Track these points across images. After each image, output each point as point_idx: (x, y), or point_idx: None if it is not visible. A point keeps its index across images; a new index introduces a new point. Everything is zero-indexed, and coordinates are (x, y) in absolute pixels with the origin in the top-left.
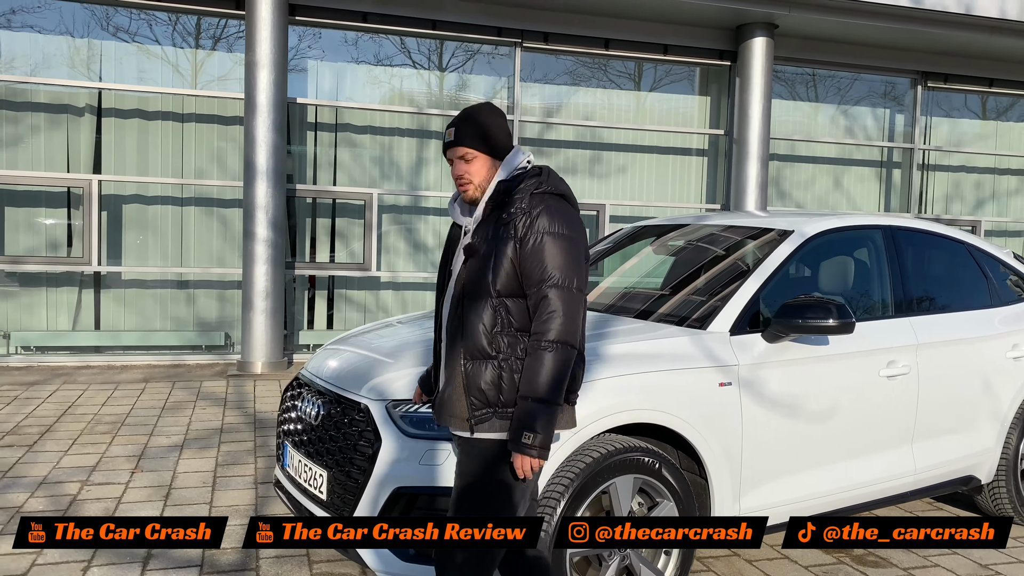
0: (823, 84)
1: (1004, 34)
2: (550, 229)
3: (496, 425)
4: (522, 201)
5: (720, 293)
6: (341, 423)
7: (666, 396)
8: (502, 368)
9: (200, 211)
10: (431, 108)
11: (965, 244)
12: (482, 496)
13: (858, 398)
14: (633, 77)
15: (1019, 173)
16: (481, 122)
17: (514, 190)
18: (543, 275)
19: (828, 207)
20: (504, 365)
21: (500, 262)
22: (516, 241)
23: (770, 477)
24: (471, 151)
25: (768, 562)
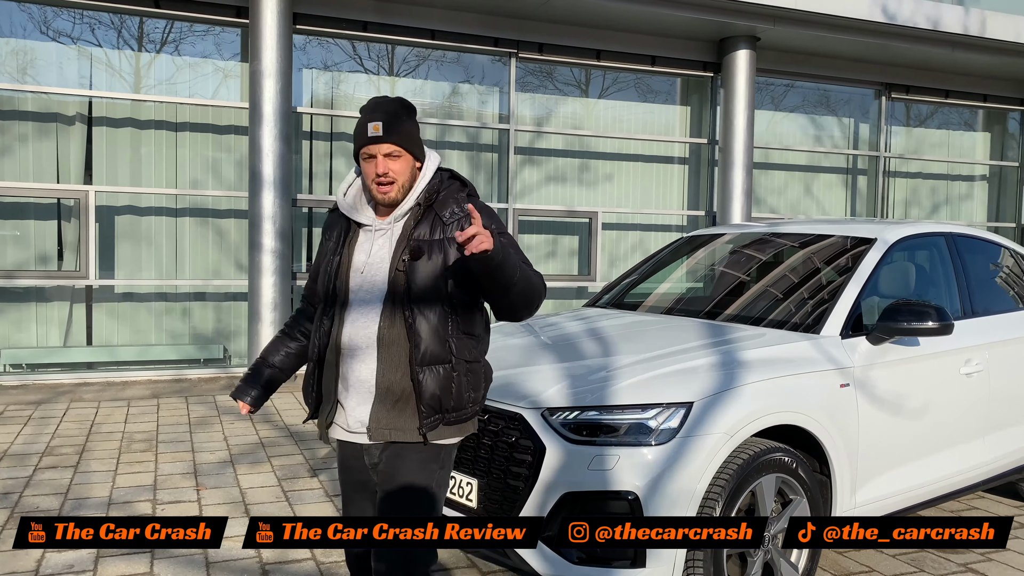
0: (795, 95)
1: (964, 49)
2: (498, 227)
3: (442, 432)
4: (461, 202)
5: (820, 298)
6: (490, 432)
7: (801, 398)
8: (453, 372)
9: (196, 222)
10: (428, 117)
11: (1010, 249)
12: (415, 501)
13: (945, 395)
14: (623, 87)
15: (970, 179)
16: (407, 121)
17: (440, 191)
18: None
19: (801, 213)
20: (454, 369)
21: (453, 265)
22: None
23: (879, 472)
24: (399, 149)
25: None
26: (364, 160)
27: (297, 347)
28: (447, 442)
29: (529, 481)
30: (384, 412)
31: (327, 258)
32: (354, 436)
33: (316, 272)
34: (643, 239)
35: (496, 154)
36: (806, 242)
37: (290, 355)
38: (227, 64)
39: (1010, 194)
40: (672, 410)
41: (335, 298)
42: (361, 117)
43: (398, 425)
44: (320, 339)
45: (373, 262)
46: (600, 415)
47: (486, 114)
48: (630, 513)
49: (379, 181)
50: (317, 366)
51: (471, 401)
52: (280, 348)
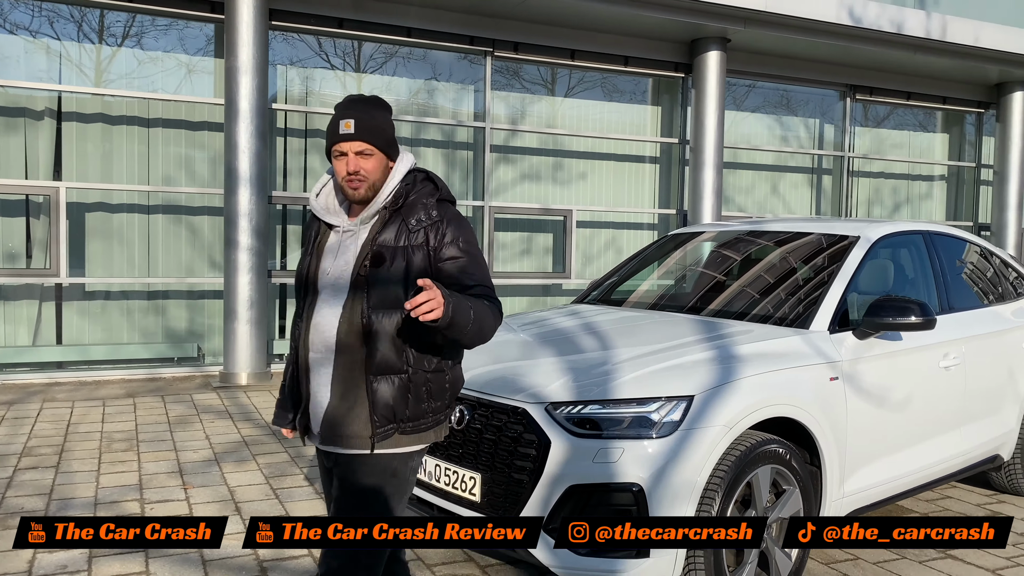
0: (762, 95)
1: (925, 52)
2: (465, 239)
3: (396, 441)
4: (430, 209)
5: (807, 295)
6: (493, 427)
7: (795, 391)
8: (410, 382)
9: (169, 219)
10: (404, 115)
11: (981, 246)
12: (364, 508)
13: (925, 388)
14: (597, 87)
15: (929, 179)
16: (381, 119)
17: (410, 195)
18: (467, 282)
19: (768, 212)
20: (412, 379)
21: (410, 273)
22: (429, 251)
23: (866, 462)
24: (370, 147)
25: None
26: (336, 158)
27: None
28: (404, 450)
29: (534, 475)
30: (337, 418)
31: (301, 259)
32: (316, 439)
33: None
34: (615, 237)
35: (471, 152)
36: (791, 240)
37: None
38: (199, 59)
39: (967, 194)
40: (674, 403)
41: (305, 300)
42: (334, 115)
43: (350, 432)
44: (292, 340)
45: (339, 264)
46: (603, 409)
47: (462, 112)
48: (634, 504)
49: (351, 179)
50: (291, 367)
51: (432, 411)
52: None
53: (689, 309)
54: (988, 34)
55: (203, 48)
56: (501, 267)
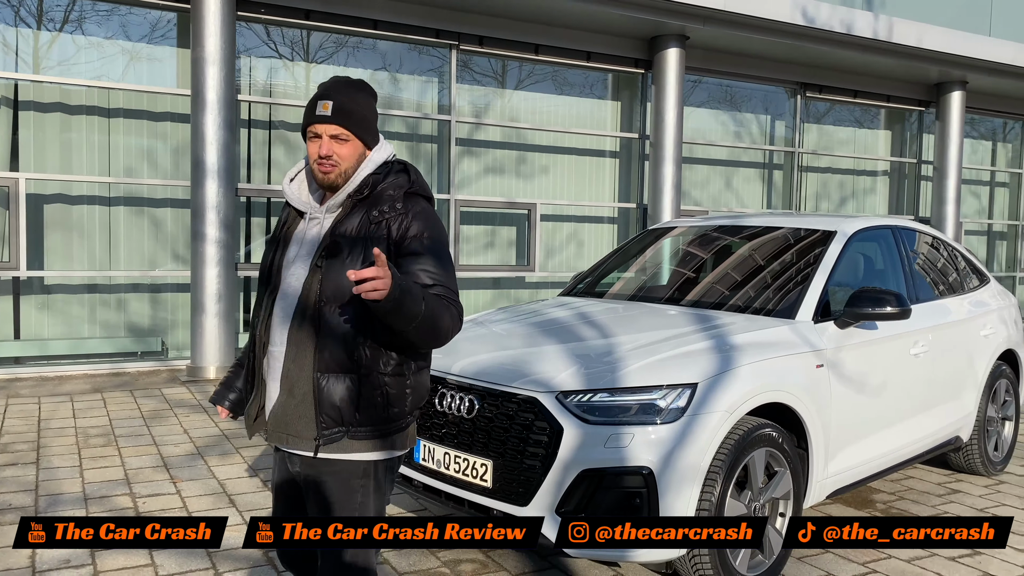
0: (718, 92)
1: (872, 52)
2: (430, 236)
3: (346, 445)
4: (396, 201)
5: (791, 286)
6: (504, 415)
7: (787, 378)
8: (362, 383)
9: (131, 211)
10: None
11: (942, 240)
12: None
13: (899, 374)
14: (560, 82)
15: (873, 174)
16: (363, 104)
17: (380, 185)
18: (425, 280)
19: (723, 206)
20: (365, 380)
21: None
22: (390, 244)
23: (846, 444)
24: (346, 132)
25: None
26: (310, 139)
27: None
28: (358, 458)
29: (546, 461)
30: (283, 414)
31: (268, 246)
32: (277, 440)
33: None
34: (577, 230)
35: (436, 145)
36: (770, 234)
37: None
38: (162, 49)
39: (909, 188)
40: (679, 390)
41: (267, 288)
42: (315, 93)
43: (294, 431)
44: (253, 329)
45: (302, 253)
46: (612, 396)
47: (427, 105)
48: (644, 487)
49: (322, 163)
50: (250, 361)
51: (390, 418)
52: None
53: (677, 301)
54: (931, 36)
55: (165, 37)
56: (466, 260)
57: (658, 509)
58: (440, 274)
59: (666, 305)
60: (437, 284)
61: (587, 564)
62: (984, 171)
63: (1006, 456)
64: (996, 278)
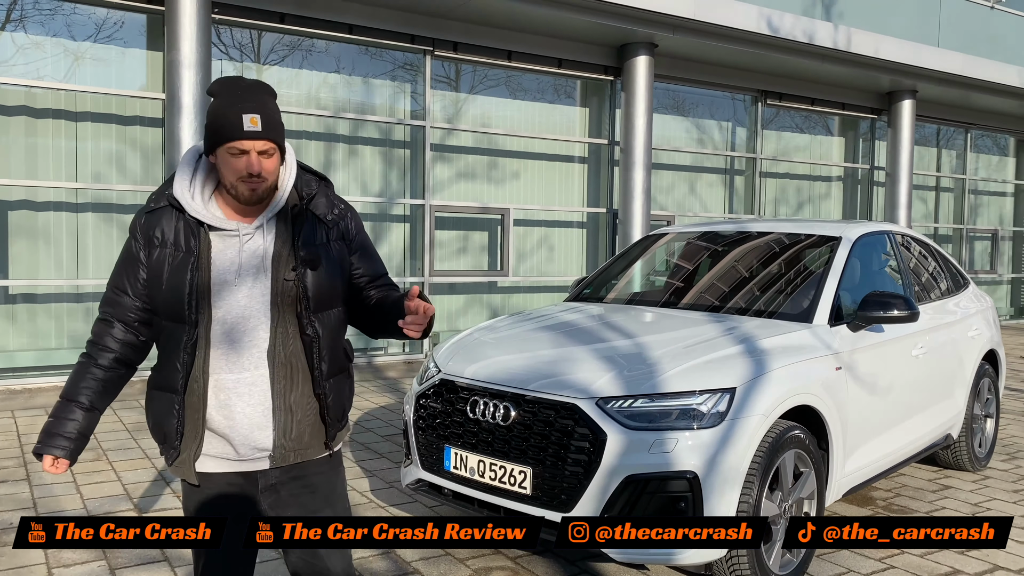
0: (682, 99)
1: (831, 61)
2: (363, 229)
3: (341, 436)
4: (332, 201)
5: (804, 291)
6: (543, 422)
7: (812, 381)
8: (348, 378)
9: (99, 218)
10: (343, 112)
11: (929, 244)
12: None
13: (904, 375)
14: (533, 88)
15: (828, 180)
16: (278, 112)
17: (302, 188)
18: (381, 269)
19: (687, 211)
20: (351, 374)
21: (342, 269)
22: (345, 243)
23: (860, 444)
24: (274, 146)
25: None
26: (233, 155)
27: (111, 376)
28: (341, 446)
29: (590, 467)
30: (289, 433)
31: (170, 269)
32: (244, 464)
33: (133, 285)
34: (548, 235)
35: (410, 150)
36: (777, 240)
37: (107, 387)
38: (131, 51)
39: (862, 193)
40: (719, 395)
41: (196, 316)
42: (224, 101)
43: (303, 444)
44: (183, 365)
45: (246, 272)
46: (653, 402)
47: (402, 110)
48: (689, 491)
49: (252, 180)
50: (179, 396)
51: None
52: (90, 381)
53: (691, 306)
54: (886, 46)
55: (135, 39)
56: (440, 265)
57: (703, 512)
58: (381, 260)
59: (681, 310)
60: (384, 273)
61: (617, 569)
62: (930, 177)
63: (989, 452)
64: None
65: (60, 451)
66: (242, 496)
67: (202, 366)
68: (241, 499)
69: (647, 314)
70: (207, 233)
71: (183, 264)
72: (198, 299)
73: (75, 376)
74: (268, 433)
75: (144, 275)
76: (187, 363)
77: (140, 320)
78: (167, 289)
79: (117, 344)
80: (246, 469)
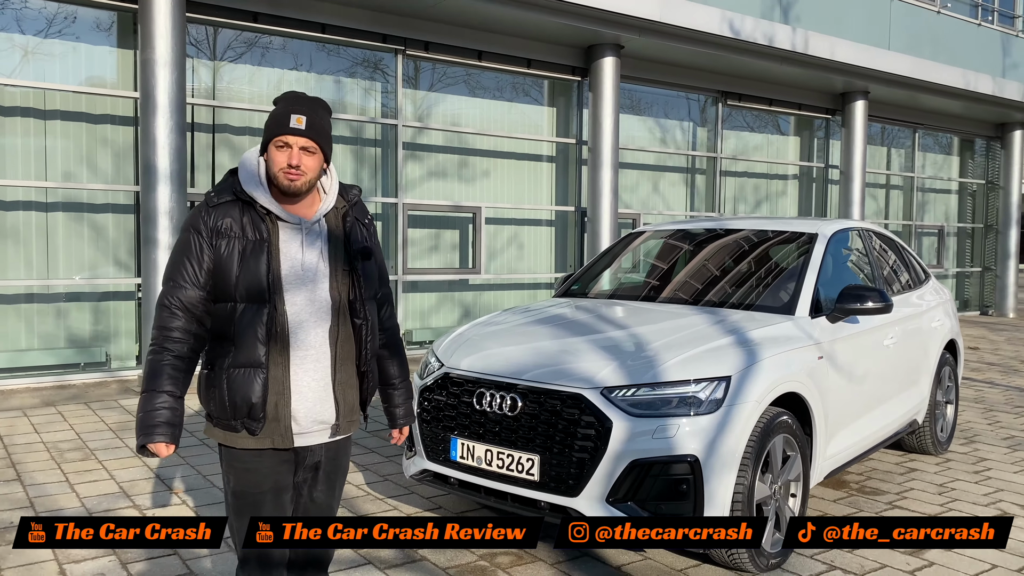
0: (646, 99)
1: (790, 63)
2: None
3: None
4: (364, 209)
5: (784, 284)
6: (549, 411)
7: (798, 369)
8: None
9: (69, 217)
10: None
11: (895, 240)
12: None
13: (878, 364)
14: (503, 87)
15: (784, 178)
16: (327, 121)
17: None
18: (386, 276)
19: (651, 209)
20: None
21: (378, 264)
22: (375, 245)
23: (839, 429)
24: (315, 145)
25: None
26: (277, 148)
27: (183, 364)
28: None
29: (596, 453)
30: (347, 407)
31: (245, 255)
32: (303, 438)
33: (194, 276)
34: (517, 233)
35: (381, 149)
36: (756, 236)
37: (182, 374)
38: (101, 49)
39: (817, 191)
40: (715, 383)
41: (274, 296)
42: (281, 105)
43: (354, 418)
44: (263, 342)
45: (308, 260)
46: (655, 391)
47: (374, 109)
48: (690, 474)
49: (291, 171)
50: (263, 369)
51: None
52: (168, 370)
53: (678, 300)
54: (841, 49)
55: (105, 37)
56: (412, 263)
57: (703, 493)
58: (385, 270)
59: (668, 304)
60: (387, 280)
61: (616, 552)
62: (881, 175)
63: (949, 436)
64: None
65: (164, 438)
66: (287, 469)
67: (285, 342)
68: (286, 471)
69: (637, 308)
70: (275, 223)
71: (258, 249)
72: (274, 280)
73: (152, 368)
74: (330, 406)
75: (209, 265)
76: (268, 338)
77: (204, 309)
78: (245, 273)
79: (184, 334)
80: (305, 443)
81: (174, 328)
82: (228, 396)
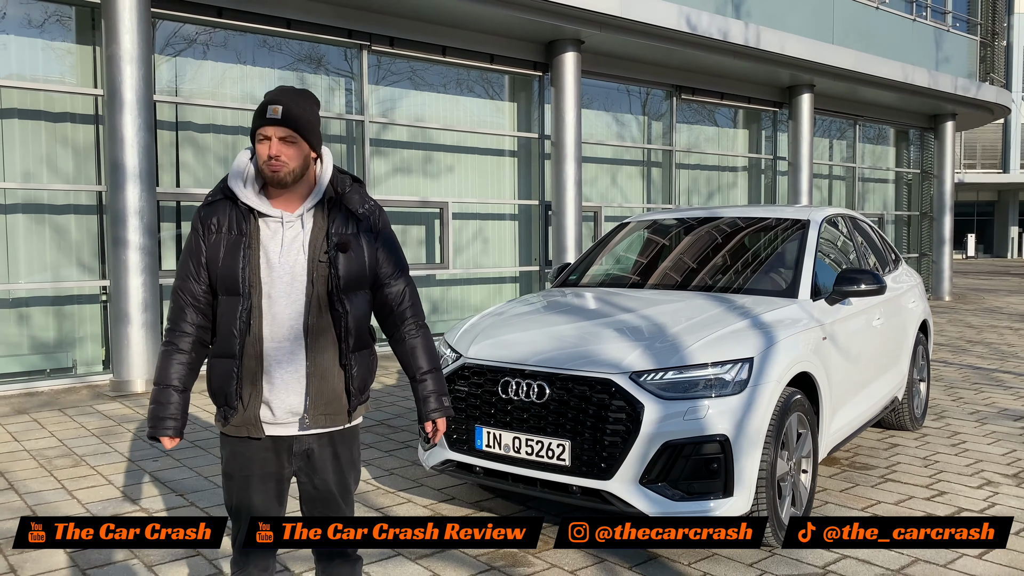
0: (603, 94)
1: (742, 58)
2: (390, 226)
3: (360, 411)
4: (364, 199)
5: (783, 269)
6: (578, 397)
7: (808, 350)
8: (371, 356)
9: (30, 219)
10: None
11: (872, 226)
12: (355, 479)
13: (870, 343)
14: (467, 82)
15: (733, 169)
16: (309, 110)
17: (337, 186)
18: (400, 267)
19: (610, 201)
20: (374, 352)
21: (370, 256)
22: (373, 236)
23: (840, 406)
24: (294, 135)
25: None
26: (259, 141)
27: (192, 357)
28: (358, 422)
29: (628, 436)
30: (320, 399)
31: (226, 249)
32: (278, 428)
33: (196, 271)
34: (482, 228)
35: (348, 145)
36: (751, 224)
37: (191, 368)
38: (60, 45)
39: (767, 182)
40: (740, 364)
41: (249, 289)
42: (263, 100)
43: (331, 411)
44: (239, 333)
45: (289, 253)
46: (682, 373)
47: (340, 105)
48: (721, 453)
49: (272, 161)
50: (237, 360)
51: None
52: (177, 365)
53: (680, 287)
54: (790, 44)
55: (65, 33)
56: None
57: (733, 471)
58: (402, 259)
59: (670, 291)
60: (404, 270)
61: None
62: (825, 166)
63: (923, 412)
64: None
65: (170, 431)
66: (272, 457)
67: (257, 334)
68: (271, 459)
69: (642, 295)
70: (257, 219)
71: (236, 244)
72: (250, 274)
73: (162, 363)
74: (301, 397)
75: (204, 259)
76: (242, 331)
77: (207, 302)
78: (224, 266)
79: (191, 327)
80: (279, 433)
81: (181, 321)
82: (209, 385)
